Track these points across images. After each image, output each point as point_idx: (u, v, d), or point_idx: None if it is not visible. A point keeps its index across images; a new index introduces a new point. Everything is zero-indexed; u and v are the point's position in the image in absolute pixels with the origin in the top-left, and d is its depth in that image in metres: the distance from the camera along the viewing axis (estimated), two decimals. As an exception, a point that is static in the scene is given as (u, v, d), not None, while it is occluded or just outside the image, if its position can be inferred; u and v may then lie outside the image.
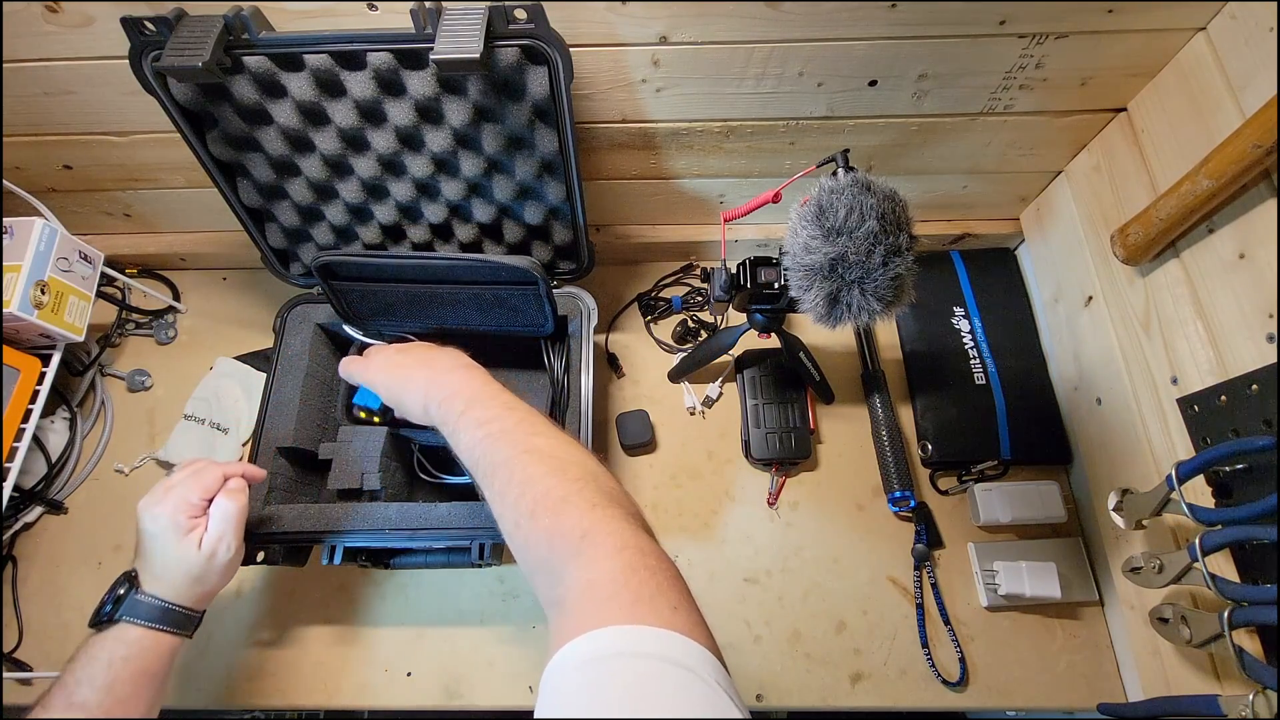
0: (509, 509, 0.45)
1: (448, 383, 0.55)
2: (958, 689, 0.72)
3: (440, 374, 0.57)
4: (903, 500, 0.77)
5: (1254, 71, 0.55)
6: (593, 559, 0.40)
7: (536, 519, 0.43)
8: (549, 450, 0.47)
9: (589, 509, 0.43)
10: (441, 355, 0.59)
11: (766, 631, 0.75)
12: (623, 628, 0.34)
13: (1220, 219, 0.58)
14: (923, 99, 0.69)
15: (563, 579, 0.40)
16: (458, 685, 0.73)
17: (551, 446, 0.48)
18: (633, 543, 0.40)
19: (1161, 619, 0.59)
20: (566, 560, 0.41)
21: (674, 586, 0.38)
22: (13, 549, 0.79)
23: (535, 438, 0.48)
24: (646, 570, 0.38)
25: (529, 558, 0.44)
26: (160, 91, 0.58)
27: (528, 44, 0.55)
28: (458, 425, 0.51)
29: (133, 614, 0.52)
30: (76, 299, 0.76)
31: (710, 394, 0.85)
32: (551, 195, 0.68)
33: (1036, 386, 0.83)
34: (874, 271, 0.54)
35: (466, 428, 0.51)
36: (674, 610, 0.36)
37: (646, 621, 0.35)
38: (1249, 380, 0.54)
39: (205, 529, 0.55)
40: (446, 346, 0.61)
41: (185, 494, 0.55)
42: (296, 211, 0.71)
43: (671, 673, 0.32)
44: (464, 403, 0.52)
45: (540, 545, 0.43)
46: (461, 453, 0.51)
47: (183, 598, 0.54)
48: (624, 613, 0.36)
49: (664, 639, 0.34)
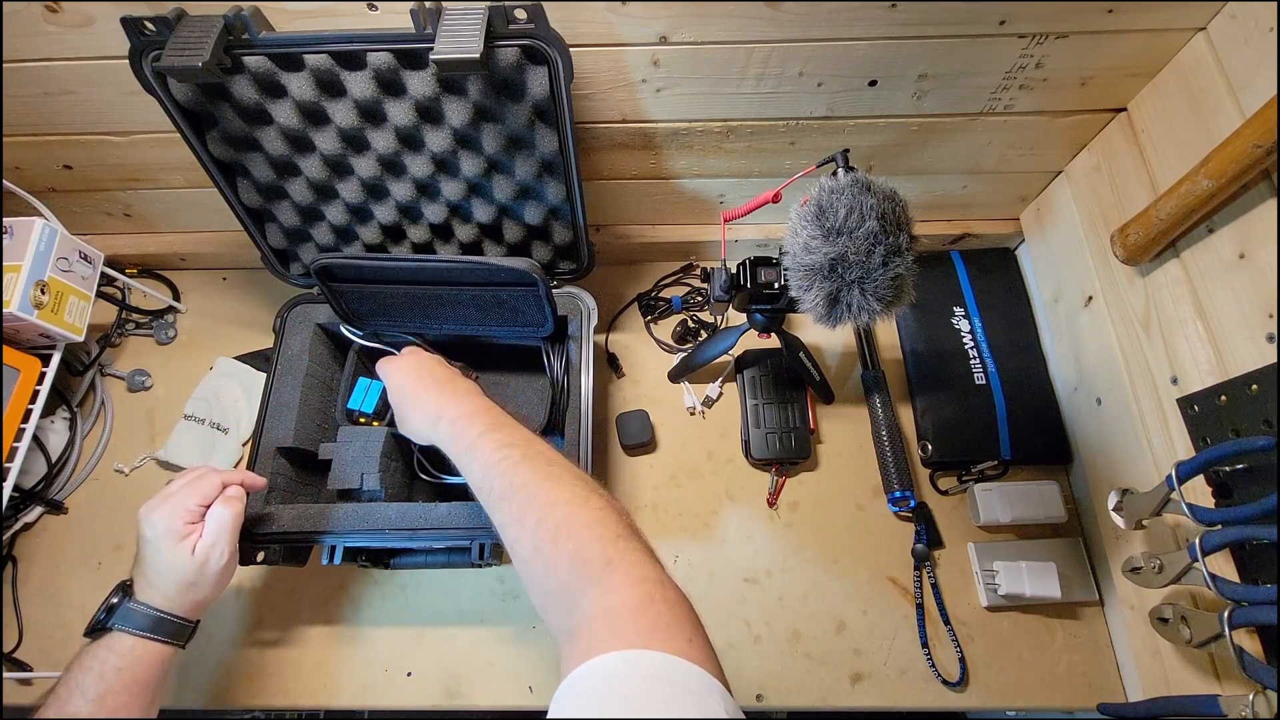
0: (528, 533, 0.45)
1: (468, 405, 0.56)
2: (958, 689, 0.72)
3: (460, 396, 0.58)
4: (903, 500, 0.77)
5: (1254, 71, 0.55)
6: (613, 586, 0.40)
7: (560, 544, 0.43)
8: (571, 480, 0.48)
9: (614, 539, 0.43)
10: (464, 383, 0.61)
11: (766, 631, 0.75)
12: (639, 652, 0.35)
13: (1220, 219, 0.58)
14: (923, 99, 0.69)
15: (580, 606, 0.40)
16: (458, 685, 0.73)
17: (573, 477, 0.49)
18: (653, 575, 0.41)
19: (1161, 619, 0.59)
20: (586, 586, 0.41)
21: (690, 620, 0.39)
22: (13, 549, 0.79)
23: (555, 466, 0.49)
24: (665, 603, 0.39)
25: (547, 583, 0.44)
26: (160, 91, 0.58)
27: (528, 44, 0.55)
28: (476, 444, 0.52)
29: (125, 622, 0.52)
30: (76, 299, 0.76)
31: (710, 394, 0.85)
32: (551, 195, 0.68)
33: (1036, 386, 0.83)
34: (874, 271, 0.54)
35: (486, 448, 0.51)
36: (689, 641, 0.37)
37: (662, 649, 0.35)
38: (1249, 380, 0.54)
39: (200, 535, 0.55)
40: (434, 360, 0.64)
41: (183, 500, 0.55)
42: (296, 211, 0.71)
43: (686, 697, 0.33)
44: (484, 425, 0.53)
45: (561, 570, 0.43)
46: (474, 471, 0.51)
47: (176, 606, 0.54)
48: (641, 638, 0.36)
49: (679, 666, 0.34)
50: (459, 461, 0.53)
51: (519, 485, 0.48)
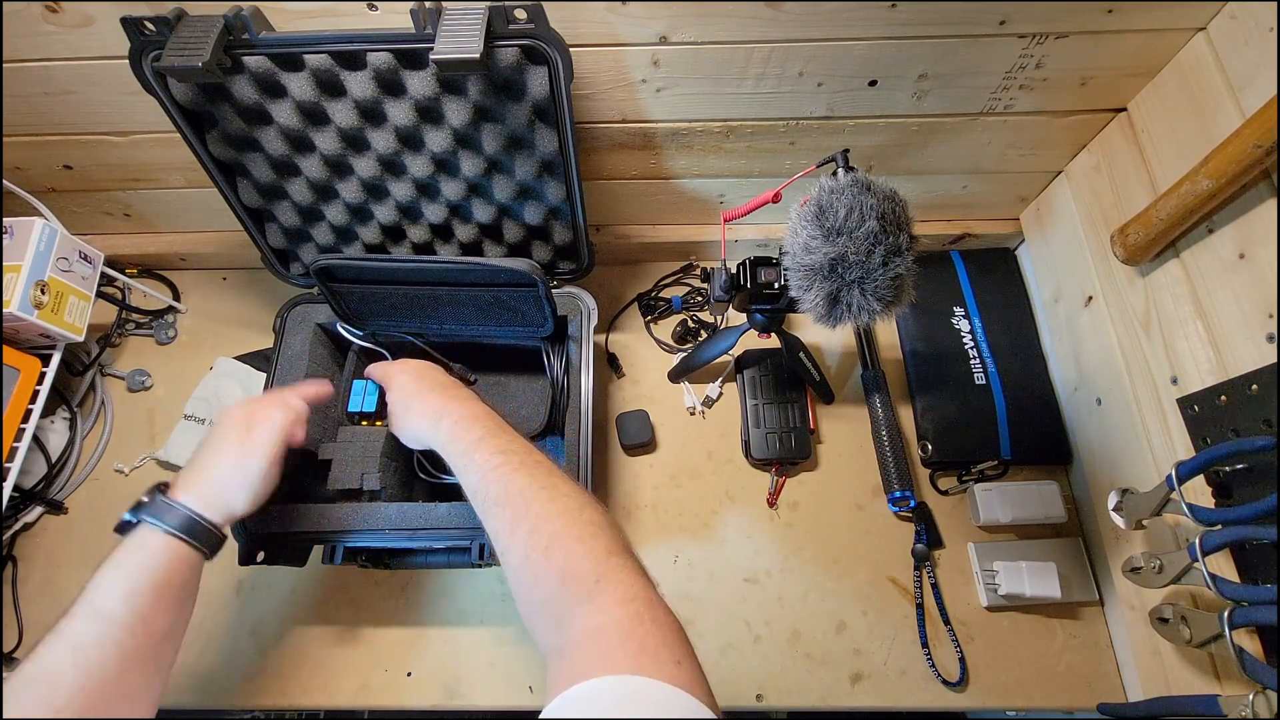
0: (519, 542, 0.45)
1: (469, 410, 0.56)
2: (958, 689, 0.72)
3: (462, 401, 0.57)
4: (903, 500, 0.77)
5: (1254, 71, 0.55)
6: (602, 606, 0.40)
7: (550, 556, 0.43)
8: (567, 492, 0.48)
9: (605, 555, 0.43)
10: (466, 390, 0.61)
11: (766, 631, 0.75)
12: (624, 677, 0.35)
13: (1220, 219, 0.58)
14: (923, 99, 0.69)
15: (568, 623, 0.40)
16: (458, 685, 0.73)
17: (569, 490, 0.48)
18: (642, 595, 0.41)
19: (1161, 619, 0.59)
20: (575, 604, 0.41)
21: (679, 641, 0.39)
22: (13, 549, 0.79)
23: (553, 477, 0.49)
24: (654, 623, 0.39)
25: (534, 595, 0.44)
26: (160, 91, 0.58)
27: (528, 44, 0.55)
28: (474, 447, 0.52)
29: (156, 518, 0.50)
30: (76, 299, 0.76)
31: (710, 394, 0.85)
32: (551, 195, 0.68)
33: (1036, 386, 0.83)
34: (874, 271, 0.54)
35: (484, 452, 0.51)
36: (677, 664, 0.36)
37: (648, 673, 0.35)
38: (1249, 380, 0.54)
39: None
40: (436, 368, 0.63)
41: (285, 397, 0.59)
42: (296, 211, 0.71)
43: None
44: (484, 430, 0.53)
45: (549, 583, 0.42)
46: (470, 474, 0.51)
47: (210, 509, 0.52)
48: (629, 661, 0.36)
49: (664, 692, 0.34)
50: (455, 464, 0.53)
51: (514, 492, 0.47)
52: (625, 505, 0.80)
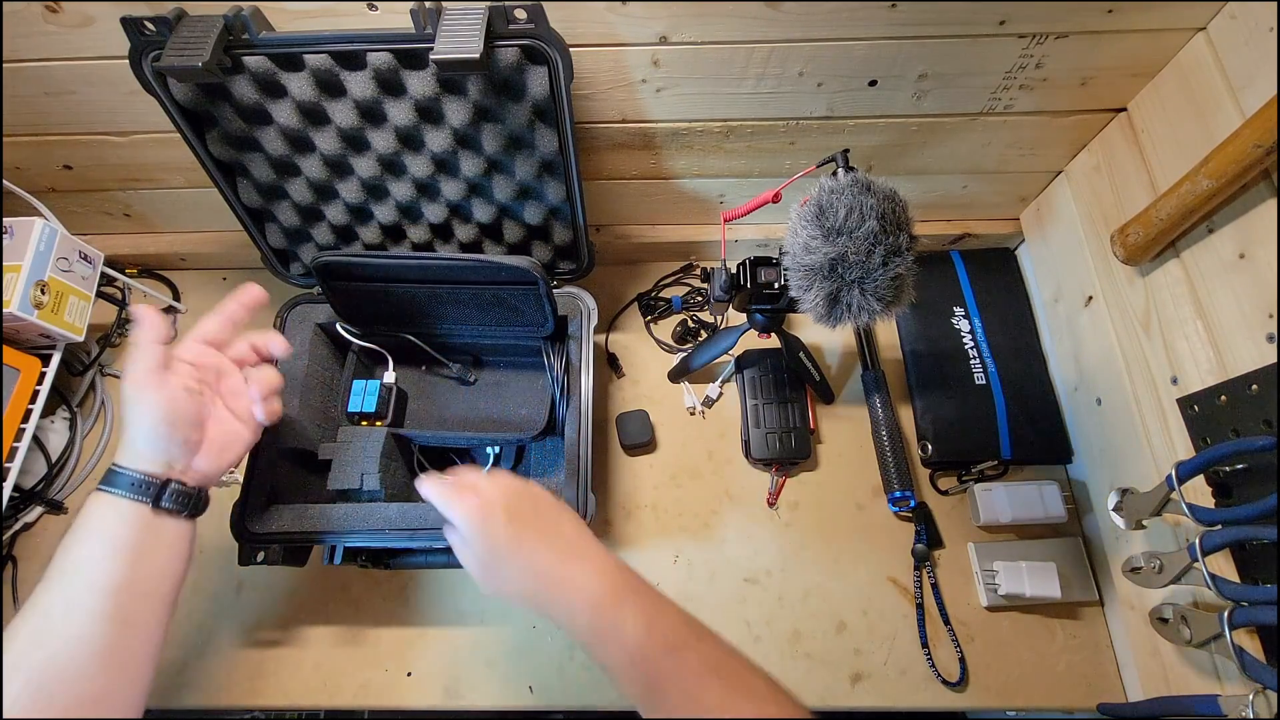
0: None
1: (597, 564, 0.48)
2: (958, 689, 0.72)
3: (586, 557, 0.49)
4: (903, 500, 0.77)
5: (1254, 71, 0.55)
6: None
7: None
8: (765, 694, 0.43)
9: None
10: (573, 522, 0.51)
11: (766, 631, 0.75)
12: None
13: (1220, 219, 0.58)
14: (923, 99, 0.69)
15: None
16: (458, 685, 0.73)
17: (767, 690, 0.43)
18: None
19: (1161, 619, 0.59)
20: None
21: None
22: (13, 549, 0.79)
23: (752, 677, 0.44)
24: None
25: None
26: (160, 91, 0.58)
27: (528, 44, 0.55)
28: (628, 636, 0.44)
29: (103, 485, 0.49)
30: (76, 299, 0.76)
31: (710, 394, 0.85)
32: (551, 195, 0.68)
33: (1036, 386, 0.83)
34: (874, 271, 0.54)
35: (651, 646, 0.44)
36: None
37: None
38: (1249, 380, 0.54)
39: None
40: (531, 486, 0.52)
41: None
42: (296, 211, 0.71)
43: None
44: (637, 608, 0.46)
45: None
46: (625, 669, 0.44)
47: (140, 460, 0.50)
48: None
49: None
50: (592, 650, 0.45)
51: (713, 705, 0.41)
52: (625, 505, 0.80)
